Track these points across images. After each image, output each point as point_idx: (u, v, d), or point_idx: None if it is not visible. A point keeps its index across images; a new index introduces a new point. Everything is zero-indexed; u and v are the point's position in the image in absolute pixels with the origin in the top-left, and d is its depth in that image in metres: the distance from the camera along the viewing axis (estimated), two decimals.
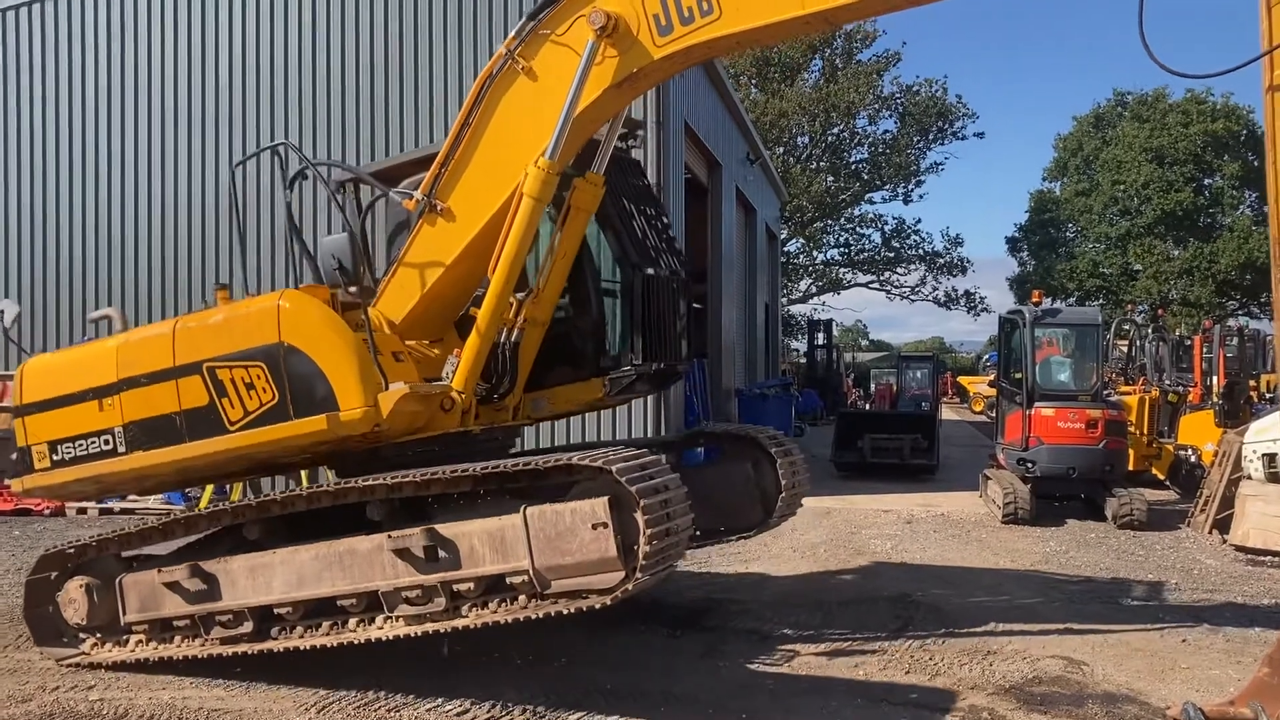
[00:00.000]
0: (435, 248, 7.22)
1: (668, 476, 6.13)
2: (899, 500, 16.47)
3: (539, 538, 5.99)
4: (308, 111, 16.70)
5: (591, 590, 5.98)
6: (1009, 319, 16.05)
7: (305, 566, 6.72)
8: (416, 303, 7.32)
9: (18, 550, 12.12)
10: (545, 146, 6.74)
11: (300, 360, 6.71)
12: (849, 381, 46.02)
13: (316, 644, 6.72)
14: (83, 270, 17.97)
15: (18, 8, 18.43)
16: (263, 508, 6.96)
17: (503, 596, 6.27)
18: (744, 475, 8.81)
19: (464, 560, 6.25)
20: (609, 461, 5.87)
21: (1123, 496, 13.92)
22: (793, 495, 8.80)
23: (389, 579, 6.46)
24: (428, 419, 6.99)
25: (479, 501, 6.49)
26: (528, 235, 6.90)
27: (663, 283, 7.93)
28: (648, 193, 8.52)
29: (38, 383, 7.82)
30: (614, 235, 7.73)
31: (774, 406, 23.26)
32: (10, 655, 7.85)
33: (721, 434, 9.39)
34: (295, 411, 6.73)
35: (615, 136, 7.54)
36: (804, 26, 6.49)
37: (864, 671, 7.42)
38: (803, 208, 50.88)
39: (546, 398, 7.85)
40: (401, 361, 7.03)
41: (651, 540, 5.74)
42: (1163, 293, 51.13)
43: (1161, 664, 7.64)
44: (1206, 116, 51.50)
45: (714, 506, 8.42)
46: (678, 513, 6.06)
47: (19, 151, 18.40)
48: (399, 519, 6.60)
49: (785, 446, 8.85)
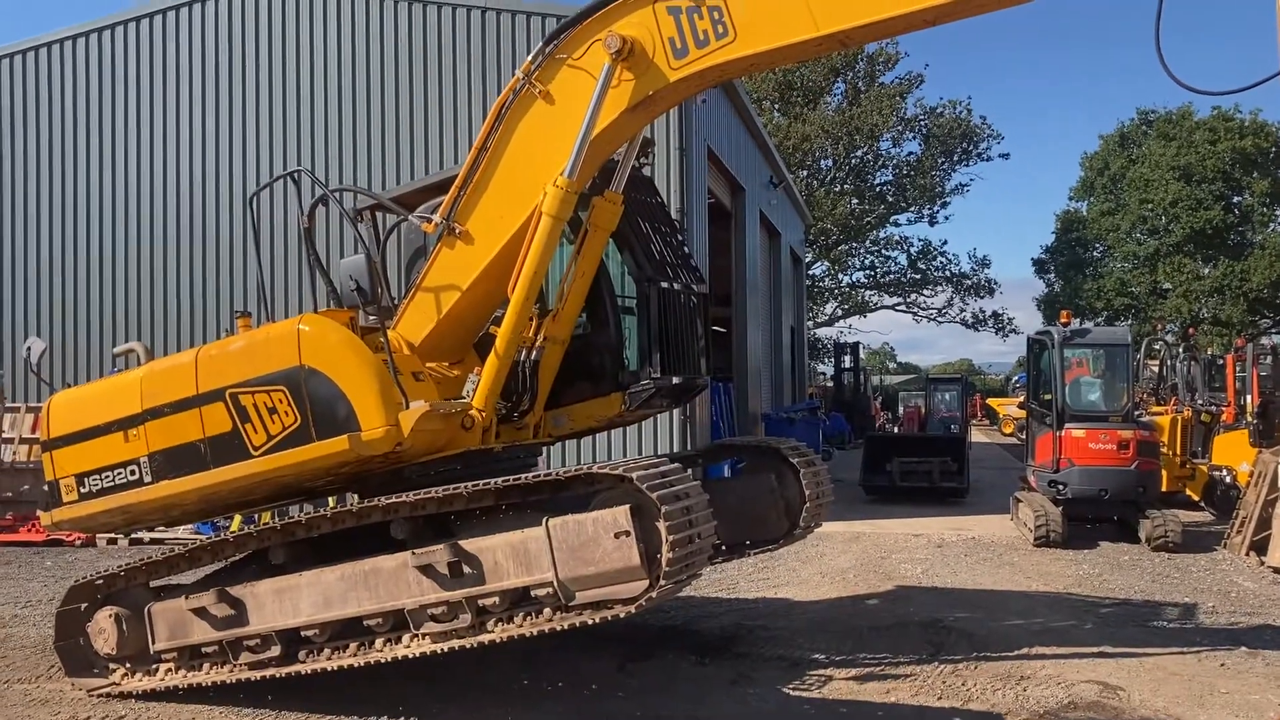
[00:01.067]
0: (454, 270, 7.26)
1: (689, 484, 6.12)
2: (929, 524, 16.32)
3: (562, 548, 5.99)
4: (323, 138, 16.94)
5: (616, 600, 5.96)
6: (1038, 340, 15.93)
7: (331, 587, 6.74)
8: (436, 325, 7.35)
9: (50, 581, 12.21)
10: (564, 166, 6.78)
11: (321, 382, 6.75)
12: (877, 404, 45.82)
13: (344, 665, 6.72)
14: (111, 305, 18.19)
15: (37, 48, 18.81)
16: (287, 530, 6.98)
17: (528, 610, 6.26)
18: (768, 487, 8.77)
19: (488, 575, 6.25)
20: (629, 469, 5.87)
21: (1156, 518, 13.73)
22: (817, 506, 8.76)
23: (414, 596, 6.47)
24: (449, 438, 7.01)
25: (501, 516, 6.50)
26: (547, 254, 6.93)
27: (679, 297, 7.94)
28: (662, 210, 8.56)
29: (64, 416, 7.89)
30: (629, 252, 7.75)
31: (801, 430, 23.14)
32: (43, 686, 7.89)
33: (744, 446, 9.37)
34: (317, 433, 6.77)
35: (633, 156, 7.58)
36: (818, 48, 6.50)
37: (896, 697, 7.33)
38: (827, 231, 50.83)
39: (567, 415, 7.86)
40: (421, 381, 7.05)
41: (674, 547, 5.72)
42: (1193, 311, 50.64)
43: (1199, 689, 7.50)
44: (1234, 133, 51.08)
45: (739, 519, 8.40)
46: (700, 520, 6.04)
47: (38, 189, 18.68)
48: (423, 537, 6.61)
49: (808, 457, 8.82)
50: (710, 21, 6.38)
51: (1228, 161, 50.85)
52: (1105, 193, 57.44)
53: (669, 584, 5.84)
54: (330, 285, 7.78)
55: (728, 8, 6.33)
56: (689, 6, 6.43)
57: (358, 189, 8.28)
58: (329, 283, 7.76)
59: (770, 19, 6.26)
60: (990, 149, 53.86)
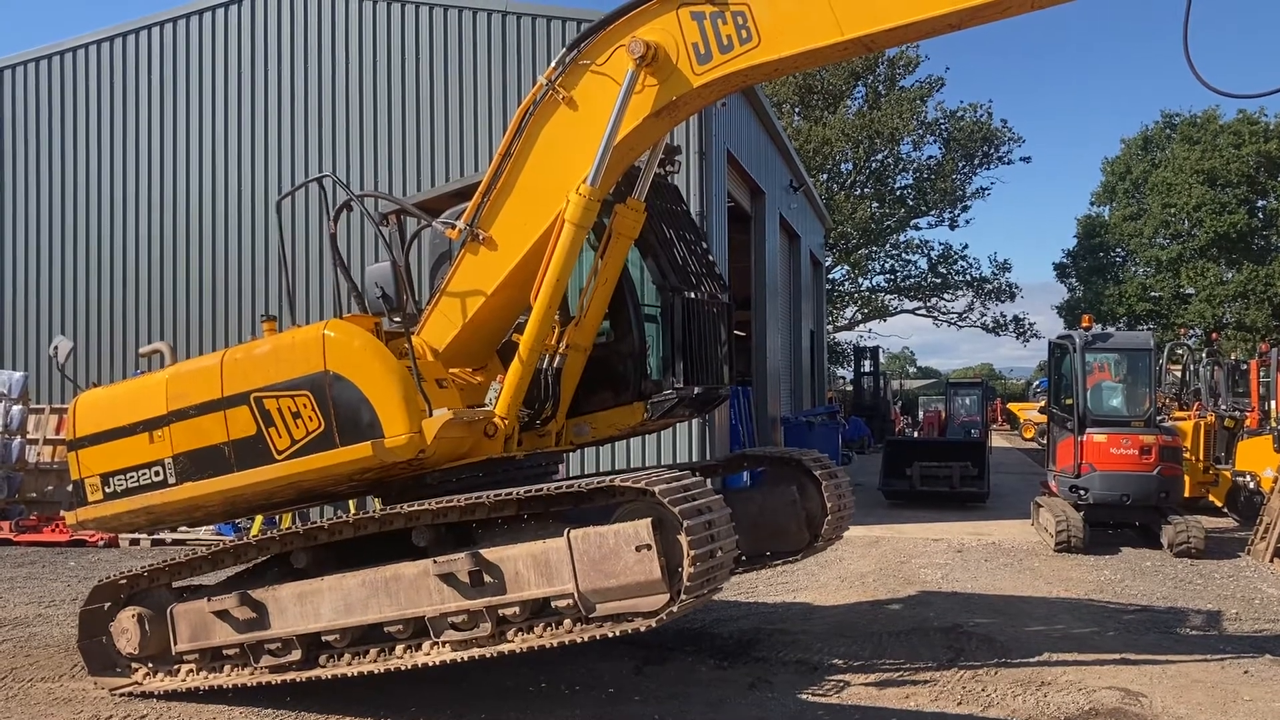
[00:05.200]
0: (477, 277, 7.28)
1: (711, 498, 6.11)
2: (949, 529, 16.26)
3: (583, 560, 5.99)
4: (356, 142, 16.96)
5: (636, 613, 5.96)
6: (1059, 344, 15.85)
7: (352, 593, 6.76)
8: (459, 331, 7.36)
9: (73, 581, 12.31)
10: (587, 173, 6.78)
11: (345, 388, 6.78)
12: (896, 409, 45.66)
13: (364, 671, 6.75)
14: (135, 306, 18.26)
15: (61, 53, 18.96)
16: (310, 535, 7.01)
17: (548, 620, 6.26)
18: (789, 498, 8.74)
19: (509, 584, 6.26)
20: (651, 482, 5.86)
21: (1179, 524, 13.64)
22: (839, 518, 8.73)
23: (435, 604, 6.48)
24: (472, 445, 7.02)
25: (523, 525, 6.50)
26: (570, 261, 6.94)
27: (703, 306, 7.92)
28: (687, 218, 8.55)
29: (90, 416, 7.96)
30: (654, 260, 7.74)
31: (820, 434, 23.12)
32: (65, 685, 7.95)
33: (765, 457, 9.34)
34: (341, 439, 6.80)
35: (656, 163, 7.57)
36: (842, 52, 6.48)
37: (915, 702, 7.30)
38: (848, 234, 50.69)
39: (589, 423, 7.85)
40: (445, 388, 7.06)
41: (696, 562, 5.71)
42: (1217, 316, 50.25)
43: (1223, 696, 7.45)
44: (1259, 137, 50.67)
45: (760, 530, 8.38)
46: (722, 534, 6.02)
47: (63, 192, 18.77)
48: (444, 544, 6.62)
49: (830, 469, 8.79)
50: (734, 26, 6.36)
51: (1252, 165, 50.45)
52: (1127, 197, 57.10)
53: (690, 599, 5.82)
54: (355, 289, 7.82)
55: (752, 12, 6.31)
56: (713, 11, 6.41)
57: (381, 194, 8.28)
58: (354, 287, 7.80)
59: (794, 23, 6.23)
60: (1011, 152, 53.54)
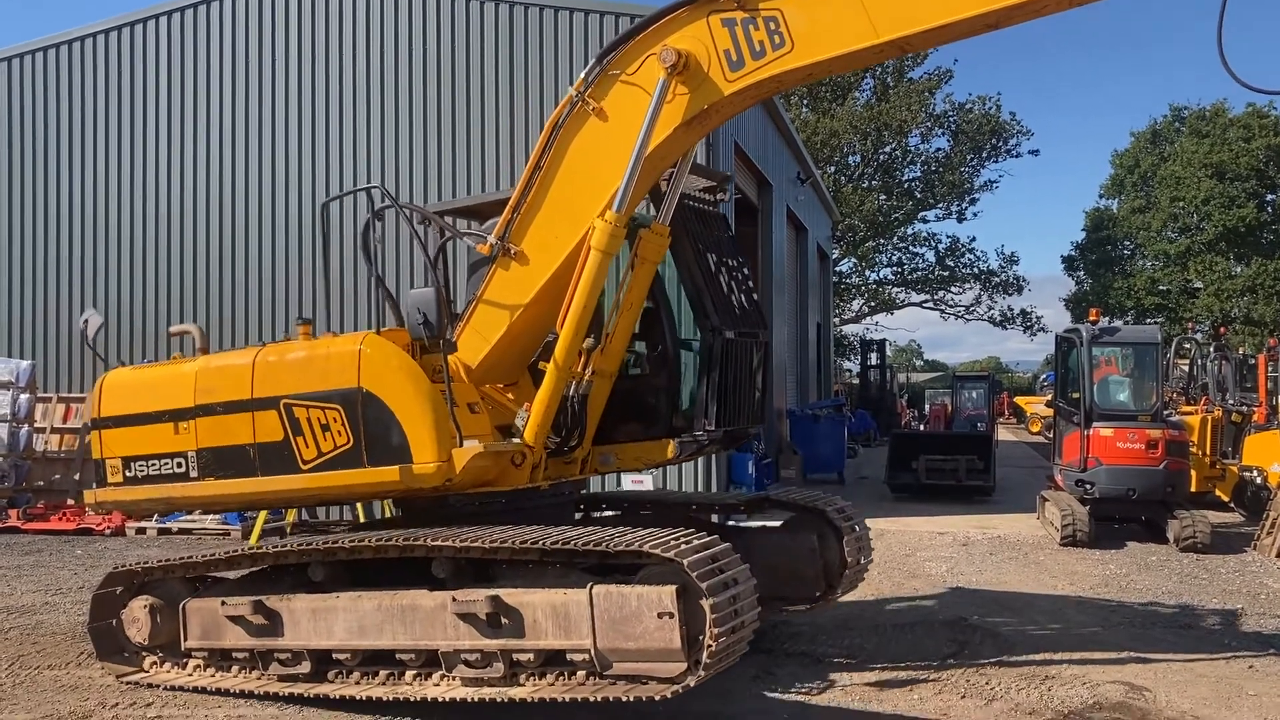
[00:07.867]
0: (509, 291, 7.18)
1: (738, 569, 5.97)
2: (954, 522, 16.25)
3: (603, 618, 5.88)
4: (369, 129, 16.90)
5: (652, 677, 5.85)
6: (1066, 338, 15.83)
7: (367, 616, 6.68)
8: (492, 347, 7.26)
9: (80, 569, 12.34)
10: (613, 197, 6.67)
11: (377, 408, 6.75)
12: (903, 402, 45.60)
13: (371, 695, 6.66)
14: (167, 285, 18.05)
15: (83, 38, 18.86)
16: (329, 552, 6.90)
17: (561, 670, 6.17)
18: (809, 546, 8.51)
19: (526, 630, 6.15)
20: (680, 553, 5.71)
21: (1185, 518, 13.62)
22: (856, 573, 8.58)
23: (450, 639, 6.38)
24: (498, 473, 6.97)
25: (547, 569, 6.36)
26: (595, 288, 6.83)
27: (743, 347, 7.76)
28: (731, 245, 8.31)
29: (117, 397, 7.94)
30: (697, 293, 7.53)
31: (826, 428, 23.05)
32: (72, 672, 7.99)
33: (789, 503, 9.04)
34: (369, 459, 6.77)
35: (681, 184, 7.39)
36: (877, 55, 6.36)
37: (919, 695, 7.31)
38: (855, 227, 50.64)
39: (615, 454, 7.69)
40: (476, 414, 6.95)
41: (719, 637, 5.60)
42: (1225, 310, 50.10)
43: (1228, 691, 7.44)
44: (1269, 130, 50.50)
45: (776, 574, 8.13)
46: (745, 608, 5.90)
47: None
48: (463, 577, 6.52)
49: (852, 522, 8.60)
50: (766, 32, 6.25)
51: (1261, 159, 50.34)
52: (1136, 190, 56.98)
53: (707, 673, 5.73)
54: (391, 300, 7.75)
55: (784, 17, 6.19)
56: (744, 18, 6.30)
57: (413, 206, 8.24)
58: (391, 300, 7.74)
59: (828, 27, 6.11)
60: (1019, 145, 53.51)
